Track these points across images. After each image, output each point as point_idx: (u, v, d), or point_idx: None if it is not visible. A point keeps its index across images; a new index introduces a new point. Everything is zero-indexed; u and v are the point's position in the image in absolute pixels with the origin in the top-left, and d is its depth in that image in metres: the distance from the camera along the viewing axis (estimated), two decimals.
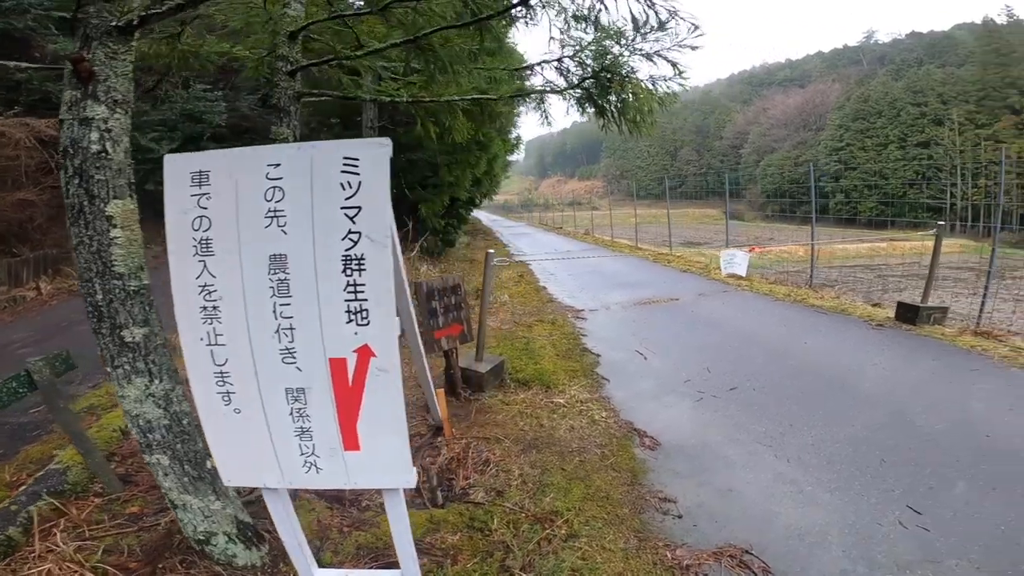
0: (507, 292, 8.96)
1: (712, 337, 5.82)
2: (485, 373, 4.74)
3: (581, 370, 5.09)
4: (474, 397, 4.65)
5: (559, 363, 5.29)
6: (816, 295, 7.61)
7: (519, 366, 5.19)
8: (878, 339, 5.44)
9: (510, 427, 3.95)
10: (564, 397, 4.45)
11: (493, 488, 3.04)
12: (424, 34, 3.33)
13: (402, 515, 1.84)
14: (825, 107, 68.16)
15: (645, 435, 3.69)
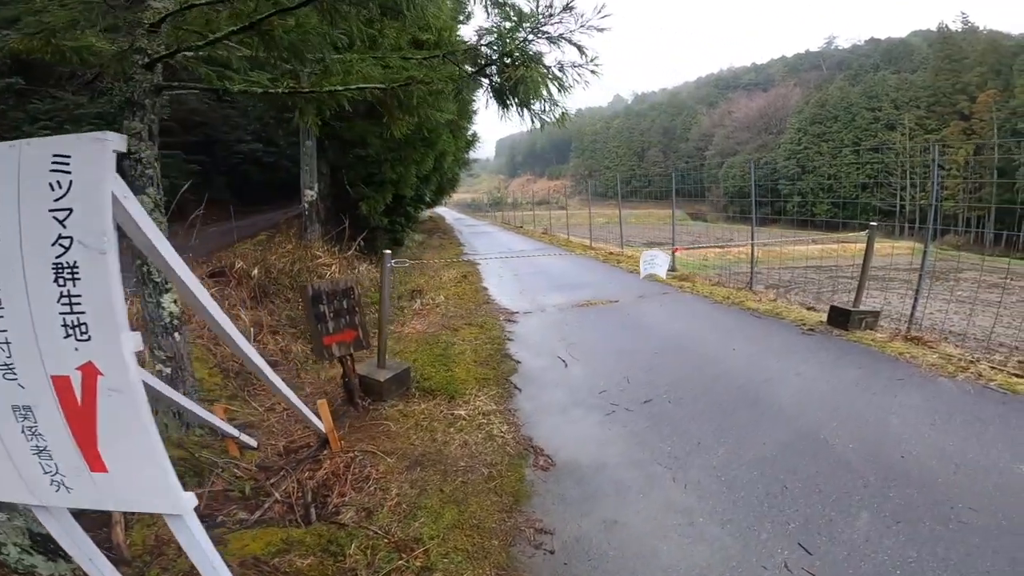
0: (445, 293, 8.57)
1: (640, 342, 5.56)
2: (385, 381, 4.37)
3: (495, 378, 4.74)
4: (373, 407, 4.29)
5: (474, 370, 4.93)
6: (755, 298, 7.46)
7: (430, 373, 4.83)
8: (806, 345, 5.26)
9: (401, 441, 3.63)
10: (468, 408, 4.09)
11: (365, 508, 2.80)
12: (259, 19, 2.90)
13: (194, 542, 1.67)
14: (786, 111, 69.93)
15: (542, 453, 3.36)
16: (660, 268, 5.14)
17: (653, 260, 5.08)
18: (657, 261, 5.08)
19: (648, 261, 5.07)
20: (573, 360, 5.12)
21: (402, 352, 5.62)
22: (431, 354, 5.40)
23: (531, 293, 8.52)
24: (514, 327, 6.45)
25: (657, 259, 5.09)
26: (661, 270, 5.17)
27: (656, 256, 5.10)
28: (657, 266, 5.10)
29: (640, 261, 5.15)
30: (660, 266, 5.12)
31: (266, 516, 2.84)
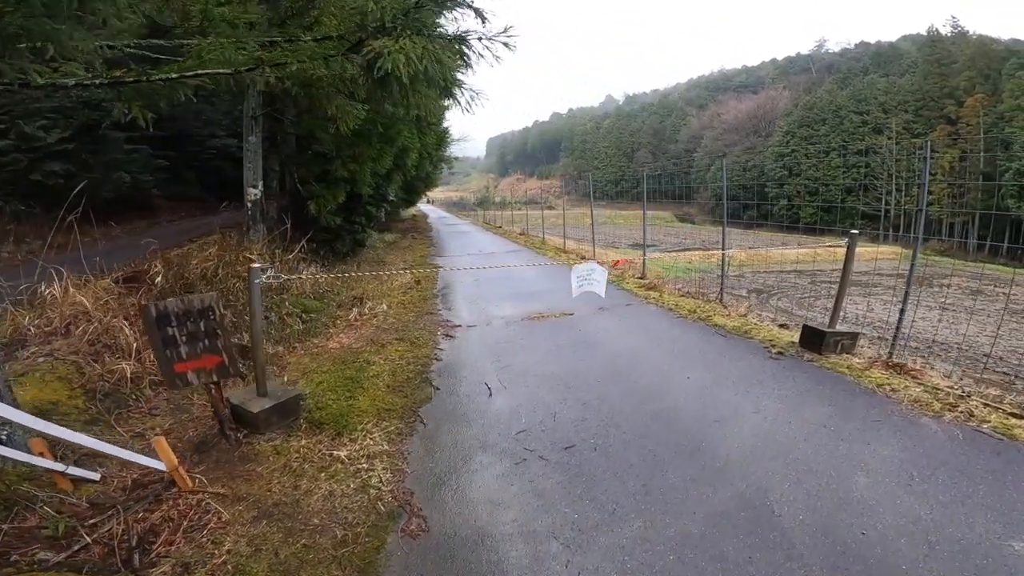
0: (390, 301, 7.86)
1: (584, 365, 4.88)
2: (259, 412, 3.69)
3: (402, 409, 4.07)
4: (247, 440, 3.61)
5: (382, 398, 4.25)
6: (724, 311, 6.81)
7: (328, 401, 4.16)
8: (772, 373, 4.61)
9: (261, 485, 3.03)
10: (353, 448, 3.43)
11: (185, 563, 2.37)
12: None
13: None
14: (775, 113, 69.78)
15: (418, 514, 2.70)
16: (598, 285, 4.42)
17: (589, 276, 4.35)
18: (594, 277, 4.34)
19: (583, 277, 4.35)
20: (501, 388, 4.44)
21: (314, 372, 4.93)
22: (341, 376, 4.70)
23: (483, 302, 7.83)
24: (449, 344, 5.75)
25: (594, 274, 4.35)
26: (599, 287, 4.45)
27: (593, 271, 4.37)
28: (595, 282, 4.37)
29: (571, 277, 4.43)
30: (598, 282, 4.39)
31: (77, 559, 2.44)
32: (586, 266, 4.43)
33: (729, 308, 6.92)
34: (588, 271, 4.35)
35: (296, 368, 5.18)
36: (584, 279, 4.31)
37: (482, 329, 6.31)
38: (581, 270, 4.35)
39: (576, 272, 4.38)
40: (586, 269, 4.36)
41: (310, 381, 4.70)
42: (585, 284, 4.33)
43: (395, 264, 12.14)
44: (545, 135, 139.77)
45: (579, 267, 4.39)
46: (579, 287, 4.33)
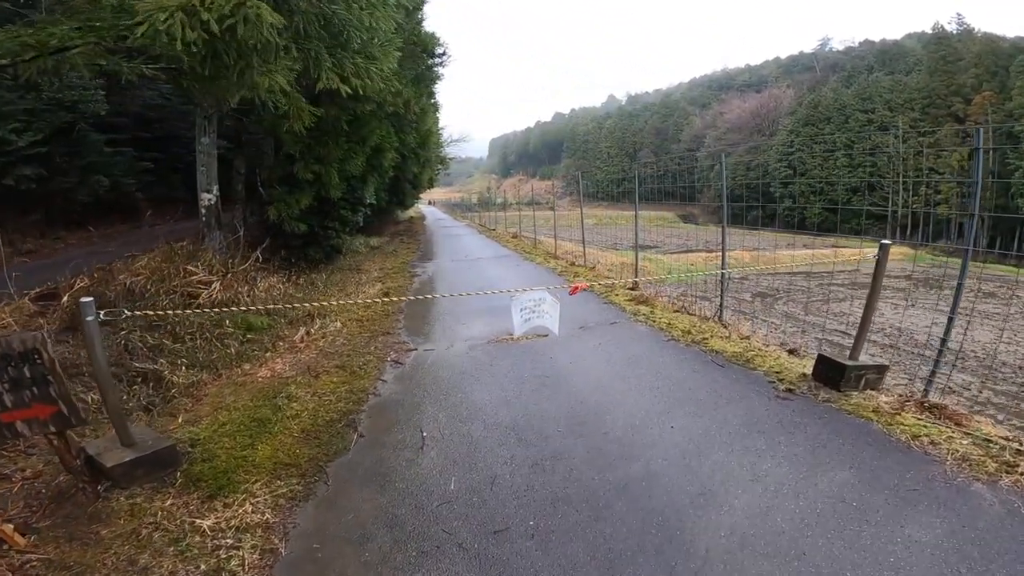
0: (347, 317, 7.05)
1: (546, 407, 4.06)
2: (116, 466, 2.97)
3: (307, 463, 3.30)
4: (105, 496, 2.91)
5: (289, 448, 3.47)
6: (723, 332, 5.93)
7: (220, 449, 3.45)
8: (778, 420, 3.76)
9: (96, 554, 2.44)
10: (225, 515, 2.70)
11: None
12: None
13: None
14: (779, 112, 68.87)
15: None
16: (549, 319, 3.48)
17: (537, 308, 3.37)
18: (543, 308, 3.38)
19: (529, 309, 3.38)
20: (438, 438, 3.62)
21: (225, 408, 4.16)
22: (250, 416, 3.92)
23: (451, 318, 7.01)
24: (396, 373, 4.94)
25: (543, 305, 3.39)
26: (551, 321, 3.53)
27: (542, 301, 3.38)
28: (545, 316, 3.43)
29: (512, 311, 3.48)
30: (549, 315, 3.46)
31: None
32: (532, 296, 3.52)
33: (730, 328, 6.06)
34: (535, 302, 3.47)
35: (211, 401, 4.41)
36: (531, 312, 3.36)
37: (440, 354, 5.50)
38: (525, 300, 3.45)
39: (518, 304, 3.43)
40: (532, 299, 3.47)
41: (214, 421, 3.92)
42: (533, 318, 3.39)
43: (371, 272, 11.34)
44: (547, 135, 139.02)
45: (522, 297, 3.47)
46: (524, 322, 3.45)
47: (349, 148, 9.49)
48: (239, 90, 4.17)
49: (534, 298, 3.49)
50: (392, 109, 10.75)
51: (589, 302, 7.63)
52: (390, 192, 16.21)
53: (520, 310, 3.43)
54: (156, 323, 5.86)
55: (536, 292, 3.53)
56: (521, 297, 3.47)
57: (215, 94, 3.96)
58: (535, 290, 3.56)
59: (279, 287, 8.58)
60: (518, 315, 3.41)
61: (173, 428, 3.90)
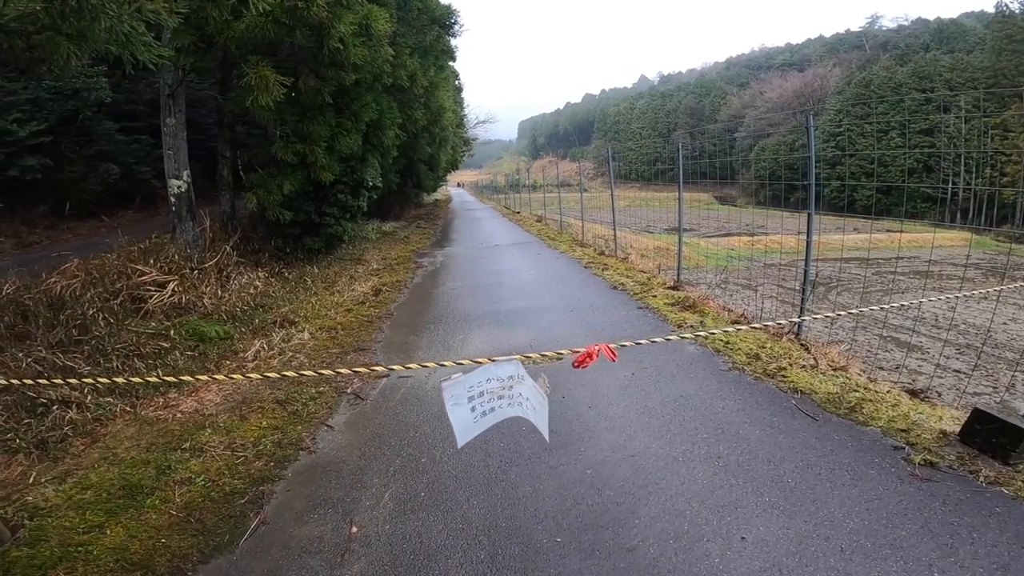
0: (321, 324, 5.83)
1: (546, 488, 2.73)
2: None
3: (160, 568, 2.14)
4: None
5: (153, 533, 2.36)
6: (807, 358, 4.38)
7: (59, 527, 2.55)
8: (923, 520, 2.34)
9: None
10: None
11: None
12: None
13: None
14: (824, 92, 65.11)
15: None
16: (528, 411, 1.76)
17: (507, 394, 1.76)
18: (519, 394, 1.77)
19: (494, 395, 1.73)
20: (374, 539, 2.36)
21: (112, 459, 2.99)
22: (124, 479, 2.75)
23: (449, 326, 5.71)
24: (350, 415, 3.66)
25: (518, 388, 1.79)
26: (532, 414, 1.79)
27: (517, 381, 1.78)
28: (519, 405, 1.69)
29: (447, 404, 1.65)
30: (526, 405, 1.72)
31: None
32: (494, 371, 1.74)
33: (813, 349, 4.53)
34: (501, 384, 1.76)
35: (105, 445, 3.28)
36: (494, 399, 1.76)
37: (418, 383, 4.19)
38: (478, 382, 1.71)
39: (461, 389, 1.68)
40: (493, 379, 1.74)
41: (80, 481, 2.75)
42: (499, 409, 1.78)
43: (372, 262, 10.12)
44: (577, 116, 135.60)
45: (469, 379, 1.70)
46: (477, 420, 1.74)
47: (339, 125, 8.22)
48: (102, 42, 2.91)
49: (499, 375, 1.74)
50: (392, 81, 9.45)
51: (619, 307, 6.21)
52: (403, 174, 14.93)
53: (467, 400, 1.70)
54: (77, 337, 4.75)
55: (503, 365, 1.76)
56: (467, 379, 1.69)
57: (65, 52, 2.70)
58: (501, 361, 1.77)
59: (257, 284, 7.43)
60: (462, 410, 1.70)
61: (24, 486, 2.78)
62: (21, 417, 3.46)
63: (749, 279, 18.09)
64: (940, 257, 24.34)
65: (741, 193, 57.70)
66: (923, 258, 22.43)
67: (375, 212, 14.89)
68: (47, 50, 2.67)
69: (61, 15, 2.54)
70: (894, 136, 48.85)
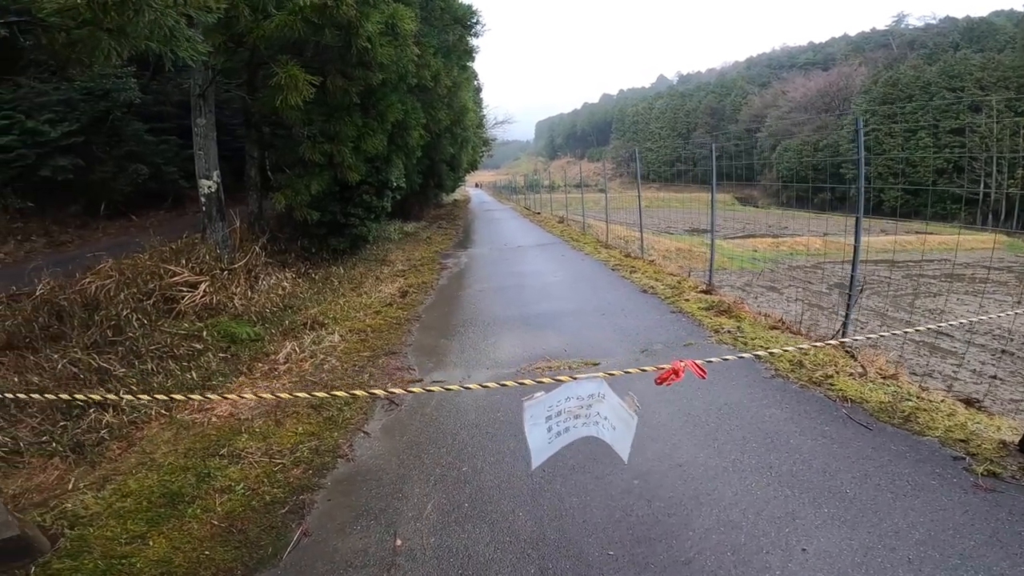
0: (351, 326, 5.79)
1: (594, 500, 2.63)
2: None
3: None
4: None
5: (195, 544, 2.39)
6: (851, 365, 4.21)
7: (101, 536, 2.56)
8: (991, 531, 2.20)
9: None
10: None
11: None
12: None
13: None
14: (849, 91, 63.88)
15: None
16: (606, 431, 1.59)
17: (584, 413, 1.65)
18: (598, 413, 1.67)
19: (570, 415, 1.63)
20: (419, 552, 2.29)
21: (150, 465, 2.96)
22: (164, 486, 2.72)
23: (477, 329, 5.63)
24: (385, 421, 3.59)
25: (597, 407, 1.66)
26: (610, 434, 1.62)
27: (598, 399, 1.65)
28: (597, 424, 1.62)
29: (528, 422, 1.57)
30: (604, 424, 1.51)
31: None
32: (575, 390, 1.62)
33: (859, 355, 4.35)
34: (580, 402, 1.65)
35: (142, 449, 3.25)
36: (570, 420, 1.66)
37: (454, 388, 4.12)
38: (557, 401, 1.61)
39: (541, 408, 1.58)
40: (576, 398, 1.63)
41: (119, 488, 2.73)
42: (573, 428, 1.68)
43: (396, 263, 10.11)
44: (595, 117, 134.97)
45: (550, 398, 1.58)
46: (551, 441, 1.65)
47: (365, 125, 8.20)
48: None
49: (579, 394, 1.63)
50: (416, 81, 9.42)
51: (652, 310, 6.08)
52: (425, 175, 14.92)
53: (544, 420, 1.60)
54: (112, 338, 4.77)
55: (584, 383, 1.63)
56: (548, 398, 1.58)
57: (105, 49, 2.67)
58: (583, 379, 1.65)
59: (286, 285, 7.44)
60: (539, 431, 1.61)
61: (63, 492, 2.76)
62: (57, 419, 3.45)
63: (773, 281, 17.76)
64: (972, 260, 23.64)
65: (762, 194, 56.83)
66: (954, 261, 21.84)
67: (397, 213, 14.90)
68: (87, 46, 2.63)
69: (103, 9, 2.50)
70: (923, 136, 47.70)
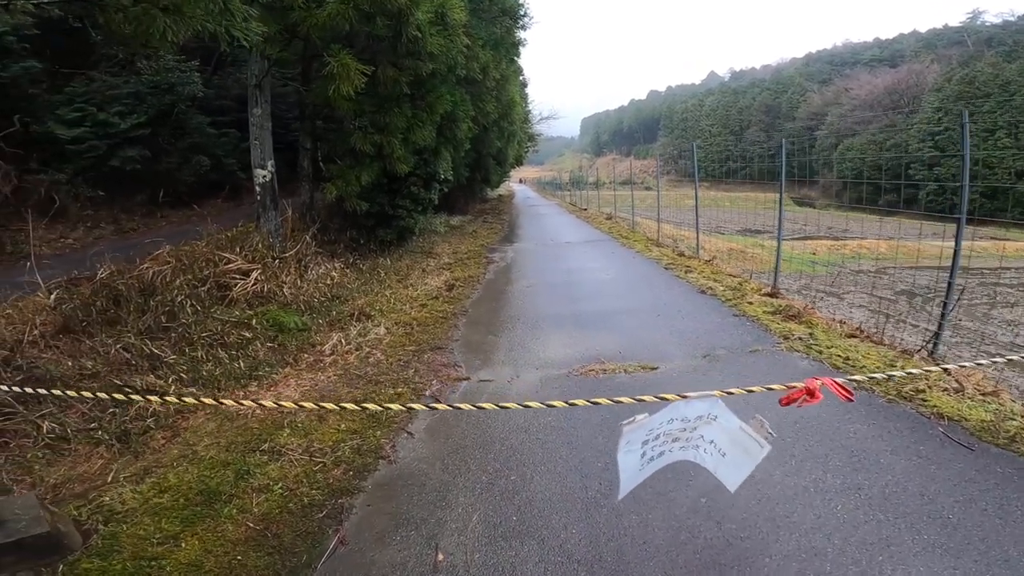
0: (397, 319, 5.68)
1: (656, 519, 2.37)
2: None
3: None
4: None
5: (228, 548, 2.27)
6: (946, 381, 3.70)
7: (133, 534, 2.37)
8: None
9: None
10: None
11: None
12: None
13: None
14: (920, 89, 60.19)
15: None
16: (708, 457, 1.40)
17: (686, 435, 1.42)
18: (704, 435, 1.41)
19: (668, 437, 1.39)
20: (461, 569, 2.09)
21: (191, 458, 2.91)
22: (203, 483, 2.65)
23: (525, 326, 5.41)
24: (430, 420, 3.42)
25: (704, 430, 1.42)
26: (711, 461, 1.41)
27: (707, 420, 1.41)
28: (696, 448, 1.31)
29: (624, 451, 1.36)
30: (706, 449, 1.38)
31: None
32: (683, 410, 1.37)
33: (958, 373, 3.87)
34: (685, 424, 1.39)
35: (186, 440, 3.20)
36: (664, 447, 1.42)
37: (499, 389, 3.91)
38: (660, 423, 1.37)
39: (646, 428, 1.35)
40: (681, 420, 1.38)
41: (158, 482, 2.67)
42: (668, 452, 1.44)
43: (442, 256, 10.02)
44: (642, 113, 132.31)
45: (660, 415, 1.35)
46: (643, 467, 1.40)
47: (414, 116, 8.11)
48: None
49: (686, 415, 1.40)
50: (465, 73, 9.29)
51: (711, 312, 5.70)
52: (472, 168, 14.81)
53: (640, 444, 1.37)
54: (165, 324, 4.81)
55: (695, 403, 1.39)
56: (650, 421, 1.37)
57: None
58: (695, 398, 1.39)
59: (334, 275, 7.44)
60: (632, 457, 1.38)
61: (103, 484, 2.71)
62: (107, 406, 3.45)
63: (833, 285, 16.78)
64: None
65: (821, 194, 54.26)
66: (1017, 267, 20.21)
67: (443, 206, 14.88)
68: (143, 24, 2.56)
69: None
70: (1001, 136, 44.33)
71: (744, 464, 1.37)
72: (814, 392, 1.29)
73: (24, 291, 5.19)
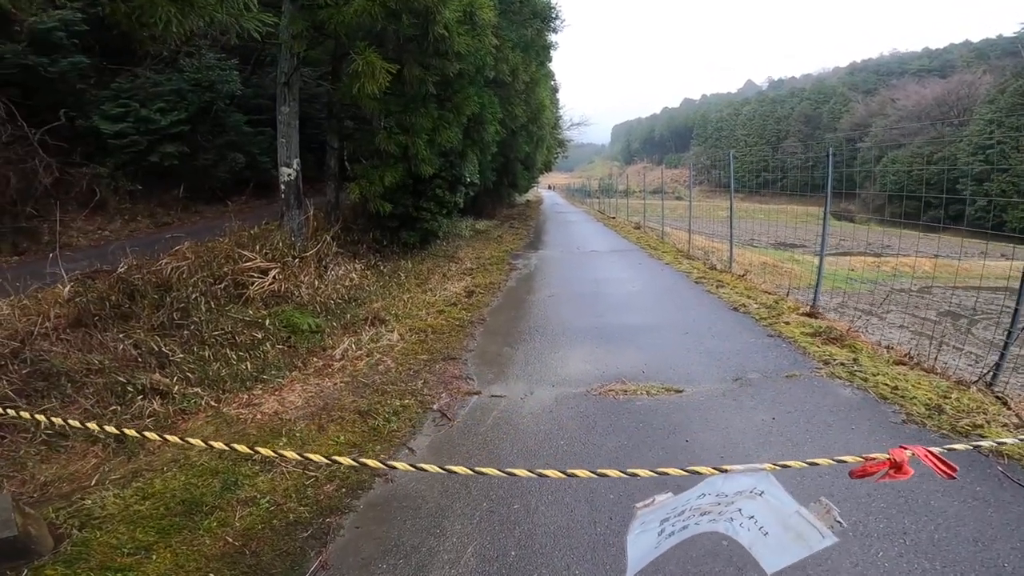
0: (411, 325, 5.51)
1: None
2: None
3: None
4: None
5: (202, 563, 1.94)
6: (1006, 414, 3.33)
7: (105, 542, 2.31)
8: None
9: None
10: None
11: None
12: None
13: None
14: (971, 100, 57.71)
15: None
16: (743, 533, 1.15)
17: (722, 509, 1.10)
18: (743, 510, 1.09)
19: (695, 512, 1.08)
20: None
21: (183, 462, 2.75)
22: (185, 492, 2.48)
23: (544, 339, 5.18)
24: (433, 438, 3.21)
25: (741, 505, 1.09)
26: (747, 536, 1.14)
27: (747, 495, 1.09)
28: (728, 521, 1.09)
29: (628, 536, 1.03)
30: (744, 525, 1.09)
31: None
32: (721, 485, 1.08)
33: (1012, 402, 3.50)
34: (720, 499, 1.09)
35: (180, 442, 3.06)
36: (688, 520, 1.11)
37: (511, 405, 3.68)
38: (689, 499, 1.07)
39: (670, 507, 1.05)
40: (716, 495, 1.08)
41: (141, 488, 2.52)
42: (683, 533, 1.12)
43: (465, 261, 9.86)
44: (674, 122, 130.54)
45: (690, 493, 1.06)
46: (656, 548, 1.09)
47: (441, 117, 7.98)
48: None
49: (726, 491, 1.10)
50: (494, 75, 9.15)
51: (744, 332, 5.36)
52: (499, 172, 14.66)
53: (659, 523, 1.07)
54: (178, 321, 4.74)
55: (739, 477, 1.08)
56: (676, 500, 1.06)
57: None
58: (739, 472, 1.08)
59: (354, 276, 7.34)
60: (647, 537, 1.08)
61: (89, 485, 2.60)
62: (109, 402, 3.35)
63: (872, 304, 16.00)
64: None
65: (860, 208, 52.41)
66: None
67: (469, 210, 14.77)
68: (146, 14, 2.44)
69: None
70: None
71: (794, 550, 1.10)
72: (901, 466, 1.02)
73: (46, 282, 5.22)
